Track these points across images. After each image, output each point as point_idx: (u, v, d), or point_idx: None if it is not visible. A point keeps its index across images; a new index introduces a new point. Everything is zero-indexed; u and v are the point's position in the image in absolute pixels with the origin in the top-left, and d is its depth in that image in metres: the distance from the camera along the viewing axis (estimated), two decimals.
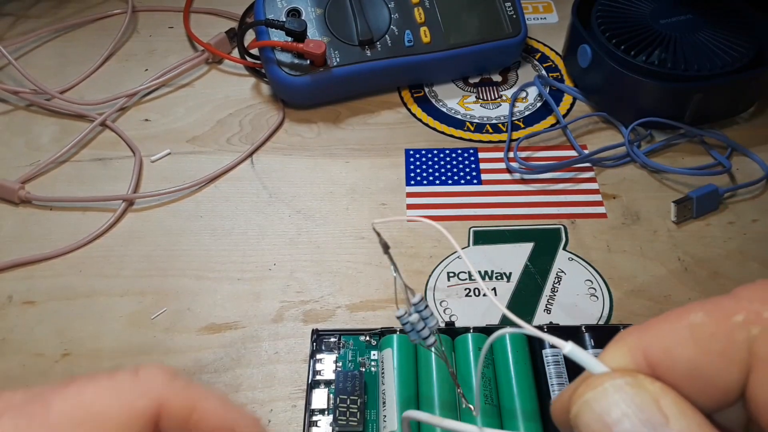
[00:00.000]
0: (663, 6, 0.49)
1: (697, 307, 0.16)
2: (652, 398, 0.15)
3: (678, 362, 0.16)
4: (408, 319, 0.19)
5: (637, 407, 0.15)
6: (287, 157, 0.47)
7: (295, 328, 0.38)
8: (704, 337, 0.16)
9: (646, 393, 0.15)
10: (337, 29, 0.48)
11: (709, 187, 0.42)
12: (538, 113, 0.50)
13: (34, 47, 0.56)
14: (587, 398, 0.15)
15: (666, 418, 0.15)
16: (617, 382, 0.15)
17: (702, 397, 0.15)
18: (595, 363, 0.16)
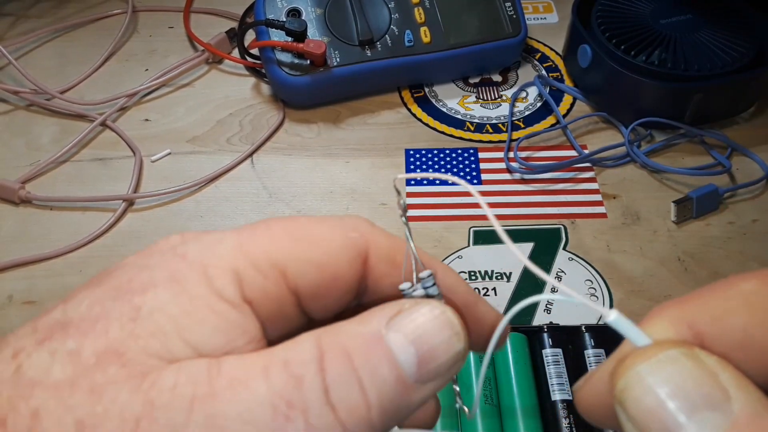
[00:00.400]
0: (663, 6, 0.49)
1: (746, 276, 0.15)
2: (710, 371, 0.14)
3: (729, 331, 0.14)
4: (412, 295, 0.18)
5: (695, 381, 0.13)
6: (287, 157, 0.47)
7: None
8: (759, 305, 0.14)
9: (704, 366, 0.14)
10: (337, 29, 0.48)
11: (709, 187, 0.42)
12: (538, 113, 0.50)
13: (34, 47, 0.56)
14: (638, 370, 0.14)
15: (726, 393, 0.13)
16: (672, 353, 0.14)
17: (756, 367, 0.14)
18: (641, 335, 0.15)
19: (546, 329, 0.34)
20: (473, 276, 0.40)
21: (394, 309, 0.16)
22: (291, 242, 0.17)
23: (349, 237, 0.18)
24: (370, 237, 0.18)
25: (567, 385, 0.32)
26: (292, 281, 0.17)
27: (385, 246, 0.19)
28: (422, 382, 0.16)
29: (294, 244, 0.17)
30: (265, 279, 0.17)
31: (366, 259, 0.18)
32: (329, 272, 0.17)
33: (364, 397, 0.15)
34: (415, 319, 0.16)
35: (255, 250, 0.17)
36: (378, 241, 0.19)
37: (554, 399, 0.32)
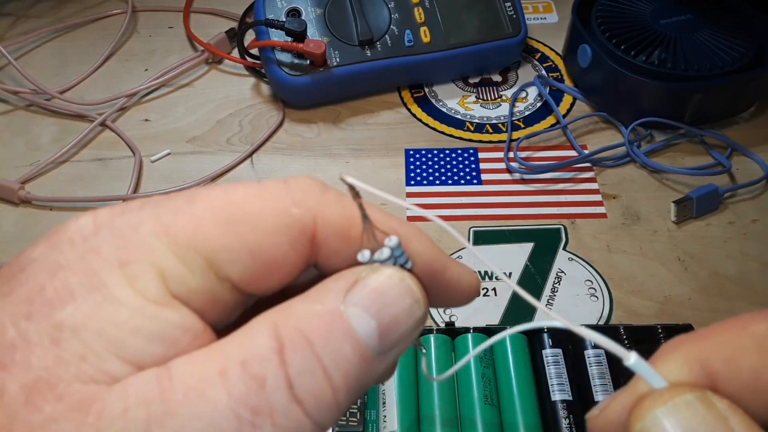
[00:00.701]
0: (663, 6, 0.49)
1: (759, 317, 0.16)
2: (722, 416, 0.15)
3: (741, 373, 0.15)
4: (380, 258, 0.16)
5: (708, 425, 0.14)
6: (287, 157, 0.47)
7: None
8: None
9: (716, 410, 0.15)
10: (337, 29, 0.48)
11: (709, 187, 0.42)
12: (538, 113, 0.50)
13: (34, 47, 0.56)
14: (656, 414, 0.15)
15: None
16: (687, 397, 0.15)
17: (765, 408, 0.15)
18: (658, 378, 0.15)
19: (546, 329, 0.34)
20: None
21: (350, 279, 0.16)
22: (218, 226, 0.15)
23: (291, 215, 0.16)
24: (317, 209, 0.16)
25: (567, 386, 0.32)
26: (222, 272, 0.15)
27: (337, 219, 0.17)
28: (384, 353, 0.15)
29: (222, 228, 0.15)
30: (191, 272, 0.15)
31: (313, 236, 0.16)
32: (266, 259, 0.16)
33: (330, 382, 0.14)
34: (374, 290, 0.15)
35: (177, 238, 0.15)
36: (328, 213, 0.16)
37: (554, 399, 0.32)
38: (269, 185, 0.16)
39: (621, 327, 0.34)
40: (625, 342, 0.34)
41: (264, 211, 0.16)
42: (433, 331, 0.34)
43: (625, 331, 0.34)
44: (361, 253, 0.16)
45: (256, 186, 0.16)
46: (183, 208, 0.15)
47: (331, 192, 0.17)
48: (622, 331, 0.34)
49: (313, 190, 0.17)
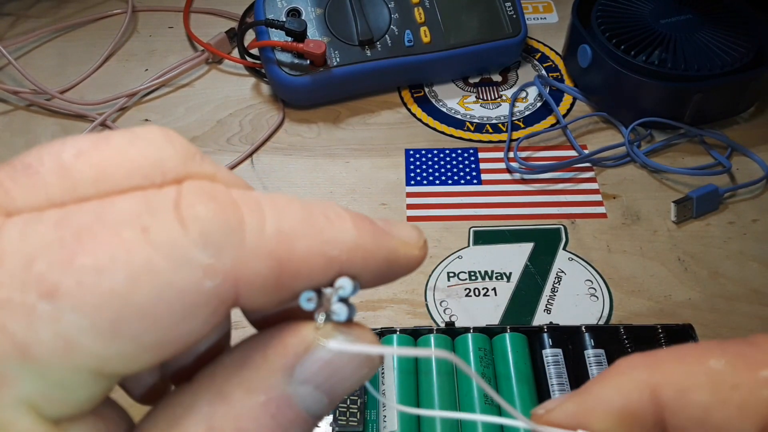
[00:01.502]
0: (663, 6, 0.49)
1: (717, 351, 0.16)
2: None
3: (690, 407, 0.15)
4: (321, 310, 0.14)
5: None
6: (287, 157, 0.47)
7: None
8: (724, 387, 0.15)
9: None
10: (337, 29, 0.48)
11: (709, 187, 0.42)
12: (538, 113, 0.50)
13: (34, 47, 0.56)
14: None
15: None
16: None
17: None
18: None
19: (546, 329, 0.34)
20: (473, 276, 0.40)
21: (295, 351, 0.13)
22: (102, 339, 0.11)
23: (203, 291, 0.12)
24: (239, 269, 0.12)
25: (567, 386, 0.32)
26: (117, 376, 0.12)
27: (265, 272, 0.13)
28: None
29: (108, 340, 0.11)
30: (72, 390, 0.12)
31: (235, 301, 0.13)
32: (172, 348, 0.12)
33: None
34: (327, 364, 0.13)
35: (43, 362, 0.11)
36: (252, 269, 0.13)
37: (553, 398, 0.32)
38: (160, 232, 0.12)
39: (621, 327, 0.34)
40: (625, 342, 0.34)
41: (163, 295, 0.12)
42: (433, 331, 0.34)
43: (625, 331, 0.34)
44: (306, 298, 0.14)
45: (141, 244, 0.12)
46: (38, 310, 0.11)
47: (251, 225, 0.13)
48: (622, 331, 0.34)
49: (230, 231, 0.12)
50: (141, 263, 0.11)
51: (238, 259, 0.12)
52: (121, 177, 0.13)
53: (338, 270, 0.14)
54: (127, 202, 0.12)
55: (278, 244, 0.13)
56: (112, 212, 0.12)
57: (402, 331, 0.34)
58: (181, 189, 0.13)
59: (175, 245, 0.12)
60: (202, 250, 0.12)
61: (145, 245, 0.12)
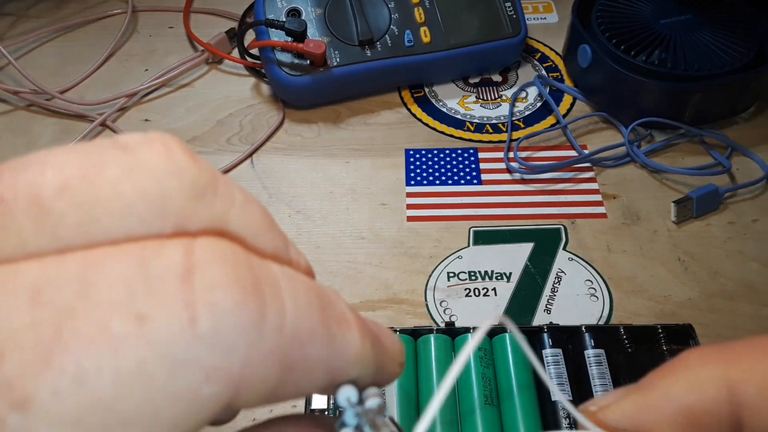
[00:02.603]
0: (663, 6, 0.49)
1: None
2: None
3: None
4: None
5: None
6: (287, 157, 0.47)
7: None
8: None
9: None
10: (337, 29, 0.48)
11: (709, 187, 0.42)
12: (538, 113, 0.50)
13: (34, 47, 0.56)
14: None
15: None
16: None
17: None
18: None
19: (546, 329, 0.34)
20: (473, 276, 0.40)
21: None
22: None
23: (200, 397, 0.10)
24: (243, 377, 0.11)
25: (567, 386, 0.32)
26: None
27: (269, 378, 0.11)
28: None
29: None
30: None
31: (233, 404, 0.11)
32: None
33: None
34: None
35: None
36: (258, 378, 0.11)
37: (554, 399, 0.32)
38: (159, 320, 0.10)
39: (621, 327, 0.34)
40: (625, 342, 0.34)
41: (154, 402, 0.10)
42: (433, 331, 0.34)
43: (625, 331, 0.34)
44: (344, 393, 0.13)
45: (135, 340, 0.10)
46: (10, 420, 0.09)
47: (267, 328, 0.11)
48: (623, 331, 0.34)
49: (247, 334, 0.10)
50: (132, 369, 0.10)
51: (249, 361, 0.10)
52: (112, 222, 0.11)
53: (331, 380, 0.13)
54: (120, 267, 0.10)
55: (293, 347, 0.11)
56: (101, 285, 0.10)
57: (402, 331, 0.34)
58: (192, 251, 0.10)
59: (177, 343, 0.10)
60: (210, 350, 0.10)
61: (140, 343, 0.10)
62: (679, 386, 0.14)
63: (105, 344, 0.09)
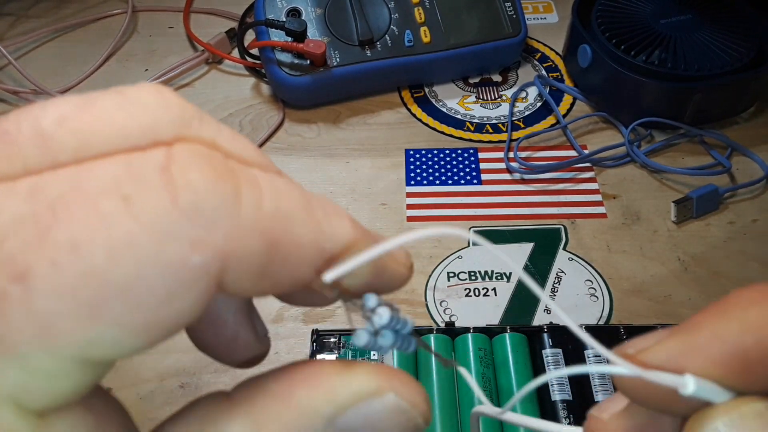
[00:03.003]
0: (663, 6, 0.49)
1: None
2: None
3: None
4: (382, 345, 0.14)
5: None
6: (287, 157, 0.47)
7: (295, 328, 0.38)
8: None
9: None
10: (337, 29, 0.48)
11: (709, 187, 0.42)
12: (538, 113, 0.50)
13: (34, 47, 0.56)
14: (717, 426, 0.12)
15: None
16: (757, 407, 0.12)
17: None
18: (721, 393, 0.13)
19: (546, 329, 0.34)
20: (473, 276, 0.40)
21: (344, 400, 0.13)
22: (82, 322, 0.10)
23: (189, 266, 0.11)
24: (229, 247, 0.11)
25: (567, 386, 0.32)
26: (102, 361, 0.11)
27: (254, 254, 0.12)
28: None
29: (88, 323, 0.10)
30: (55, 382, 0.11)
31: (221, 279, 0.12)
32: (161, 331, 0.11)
33: None
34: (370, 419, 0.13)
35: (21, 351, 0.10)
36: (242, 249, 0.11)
37: (554, 399, 0.32)
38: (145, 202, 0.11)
39: (621, 327, 0.34)
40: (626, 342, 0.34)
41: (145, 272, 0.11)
42: (433, 331, 0.34)
43: (625, 331, 0.34)
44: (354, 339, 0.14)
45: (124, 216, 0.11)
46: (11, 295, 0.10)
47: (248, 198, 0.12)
48: (622, 331, 0.34)
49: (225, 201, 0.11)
50: (121, 238, 0.10)
51: (231, 233, 0.11)
52: (105, 143, 0.12)
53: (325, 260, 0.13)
54: (108, 166, 0.11)
55: (275, 223, 0.12)
56: (90, 179, 0.11)
57: None
58: (171, 151, 0.11)
59: (161, 216, 0.11)
60: (192, 221, 0.11)
61: (126, 217, 0.10)
62: (732, 327, 0.12)
63: (96, 220, 0.10)
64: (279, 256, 0.12)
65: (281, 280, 0.13)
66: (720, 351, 0.12)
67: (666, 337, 0.13)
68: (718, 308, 0.13)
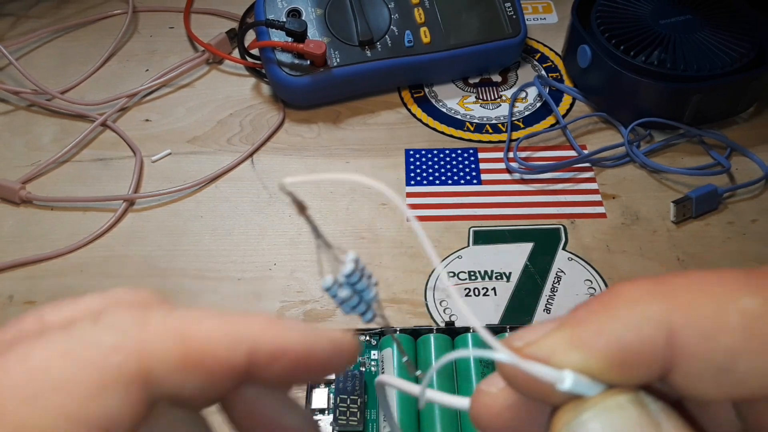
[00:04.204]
0: (663, 6, 0.49)
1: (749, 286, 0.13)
2: (654, 421, 0.13)
3: (714, 354, 0.13)
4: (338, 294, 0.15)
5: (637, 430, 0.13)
6: (287, 157, 0.47)
7: None
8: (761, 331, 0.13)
9: (648, 414, 0.13)
10: (337, 29, 0.48)
11: (708, 187, 0.43)
12: (538, 113, 0.50)
13: (34, 47, 0.56)
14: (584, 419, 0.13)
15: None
16: (619, 399, 0.13)
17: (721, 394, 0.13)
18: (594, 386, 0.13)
19: None
20: (473, 276, 0.40)
21: None
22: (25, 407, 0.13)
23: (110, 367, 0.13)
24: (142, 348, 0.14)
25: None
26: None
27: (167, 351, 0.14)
28: None
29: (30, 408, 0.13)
30: None
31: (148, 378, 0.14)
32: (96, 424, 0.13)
33: None
34: None
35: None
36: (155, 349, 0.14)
37: None
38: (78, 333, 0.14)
39: None
40: None
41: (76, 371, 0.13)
42: (433, 330, 0.34)
43: None
44: (323, 280, 0.15)
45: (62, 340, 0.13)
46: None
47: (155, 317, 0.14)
48: None
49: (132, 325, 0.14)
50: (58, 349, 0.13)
51: (141, 337, 0.14)
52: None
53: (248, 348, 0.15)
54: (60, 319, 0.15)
55: (182, 323, 0.14)
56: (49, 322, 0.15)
57: (402, 331, 0.35)
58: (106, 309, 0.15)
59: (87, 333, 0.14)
60: (109, 335, 0.14)
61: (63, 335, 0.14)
62: (615, 323, 0.13)
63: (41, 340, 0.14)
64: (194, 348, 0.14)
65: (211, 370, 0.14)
66: (602, 347, 0.13)
67: (552, 331, 0.14)
68: (602, 304, 0.14)
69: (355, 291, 0.15)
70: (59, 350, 0.13)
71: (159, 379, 0.14)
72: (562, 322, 0.14)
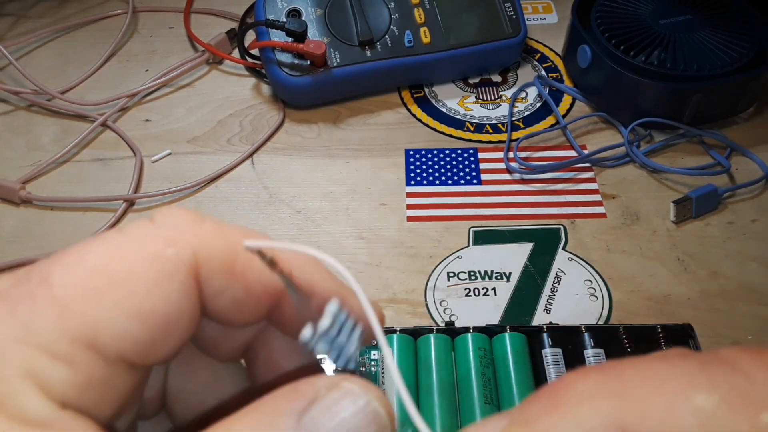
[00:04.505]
0: (663, 6, 0.49)
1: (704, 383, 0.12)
2: None
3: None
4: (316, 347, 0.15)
5: None
6: (287, 157, 0.47)
7: None
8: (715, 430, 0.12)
9: None
10: (337, 30, 0.48)
11: (708, 187, 0.43)
12: (538, 113, 0.50)
13: (34, 47, 0.56)
14: None
15: None
16: None
17: None
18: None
19: (546, 329, 0.34)
20: (473, 276, 0.40)
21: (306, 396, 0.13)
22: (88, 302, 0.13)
23: (167, 258, 0.14)
24: (196, 243, 0.14)
25: None
26: (111, 352, 0.13)
27: (218, 251, 0.14)
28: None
29: (93, 303, 0.13)
30: (73, 367, 0.12)
31: (198, 275, 0.14)
32: (157, 318, 0.13)
33: None
34: (335, 415, 0.13)
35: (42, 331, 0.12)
36: (207, 246, 0.14)
37: None
38: (132, 230, 0.14)
39: (620, 327, 0.34)
40: (625, 342, 0.34)
41: (135, 264, 0.13)
42: (433, 330, 0.34)
43: (625, 330, 0.34)
44: (301, 332, 0.14)
45: (117, 236, 0.14)
46: (38, 292, 0.13)
47: (208, 222, 0.15)
48: (622, 331, 0.34)
49: (186, 223, 0.15)
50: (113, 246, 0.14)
51: (196, 232, 0.14)
52: None
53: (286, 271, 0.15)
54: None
55: (235, 233, 0.15)
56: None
57: (402, 331, 0.35)
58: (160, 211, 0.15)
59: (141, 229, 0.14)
60: (164, 229, 0.14)
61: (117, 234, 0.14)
62: (565, 426, 0.13)
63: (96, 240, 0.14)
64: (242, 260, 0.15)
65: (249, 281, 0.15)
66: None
67: (501, 430, 0.14)
68: (554, 401, 0.13)
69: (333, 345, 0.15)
70: (116, 246, 0.14)
71: (206, 277, 0.14)
72: (511, 419, 0.14)
